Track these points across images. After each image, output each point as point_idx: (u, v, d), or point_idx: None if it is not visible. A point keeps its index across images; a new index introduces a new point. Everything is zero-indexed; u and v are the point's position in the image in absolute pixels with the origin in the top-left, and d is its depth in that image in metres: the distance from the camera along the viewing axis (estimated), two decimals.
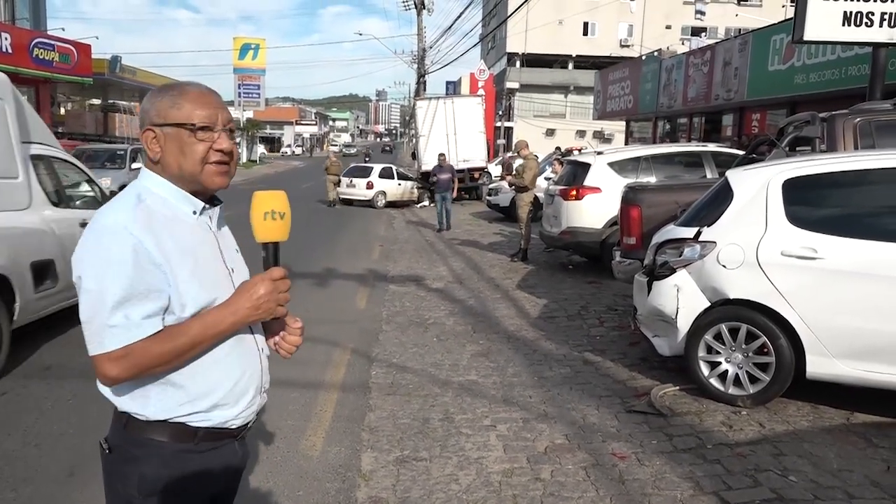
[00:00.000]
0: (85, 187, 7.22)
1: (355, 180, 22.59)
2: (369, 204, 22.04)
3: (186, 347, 1.58)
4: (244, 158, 50.83)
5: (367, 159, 38.45)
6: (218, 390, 1.67)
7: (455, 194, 17.15)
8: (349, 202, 22.53)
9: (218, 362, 1.66)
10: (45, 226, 6.00)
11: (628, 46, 48.30)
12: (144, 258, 1.54)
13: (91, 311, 1.53)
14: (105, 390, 1.64)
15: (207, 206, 1.73)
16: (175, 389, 1.63)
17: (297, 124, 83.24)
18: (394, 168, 23.83)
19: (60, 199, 6.52)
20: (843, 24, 8.28)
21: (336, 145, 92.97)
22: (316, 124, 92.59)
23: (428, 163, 22.25)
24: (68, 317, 6.89)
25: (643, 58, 24.73)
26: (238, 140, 50.48)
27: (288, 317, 1.84)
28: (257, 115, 55.49)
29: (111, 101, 35.67)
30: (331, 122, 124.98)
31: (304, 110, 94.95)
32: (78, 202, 6.88)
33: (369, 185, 22.23)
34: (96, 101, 37.15)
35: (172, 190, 1.67)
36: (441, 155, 18.31)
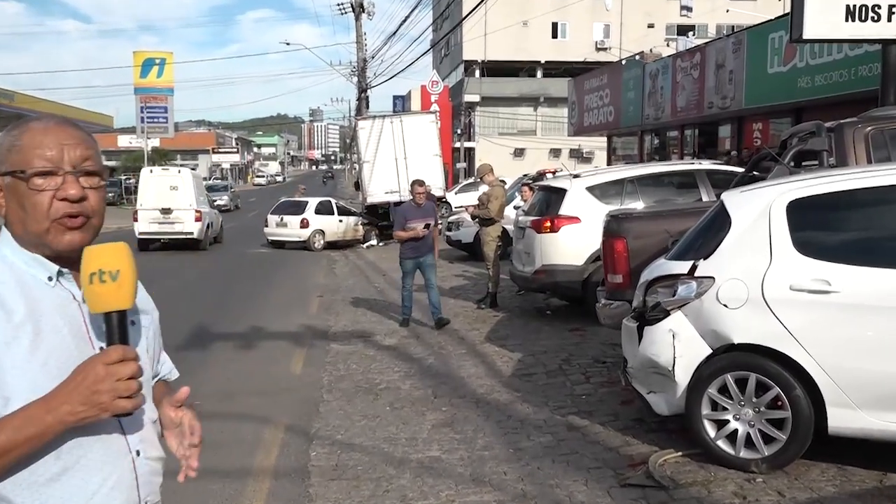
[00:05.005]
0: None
1: (287, 218, 22.56)
2: (304, 246, 21.99)
3: None
4: None
5: (325, 181, 40.20)
6: None
7: (436, 253, 11.43)
8: (280, 244, 22.45)
9: (67, 470, 1.50)
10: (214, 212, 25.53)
11: (605, 49, 49.62)
12: None
13: None
14: None
15: (67, 270, 1.59)
16: None
17: (214, 153, 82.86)
18: (333, 202, 23.85)
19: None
20: (847, 20, 8.52)
21: (262, 176, 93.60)
22: (238, 152, 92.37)
23: (374, 193, 22.52)
24: None
25: (623, 62, 25.41)
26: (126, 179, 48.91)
27: (186, 417, 1.72)
28: (165, 143, 55.10)
29: None
30: (255, 149, 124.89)
31: (222, 136, 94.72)
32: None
33: (304, 224, 22.17)
34: None
35: (20, 252, 1.57)
36: (416, 183, 10.70)
